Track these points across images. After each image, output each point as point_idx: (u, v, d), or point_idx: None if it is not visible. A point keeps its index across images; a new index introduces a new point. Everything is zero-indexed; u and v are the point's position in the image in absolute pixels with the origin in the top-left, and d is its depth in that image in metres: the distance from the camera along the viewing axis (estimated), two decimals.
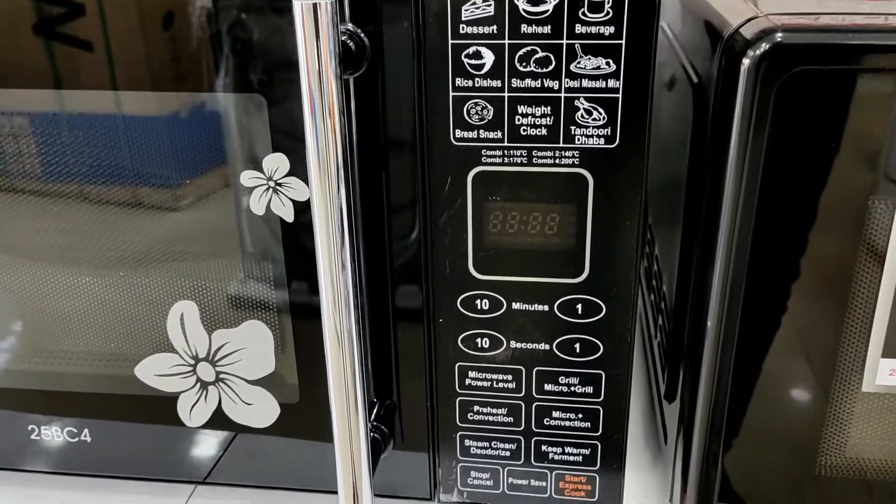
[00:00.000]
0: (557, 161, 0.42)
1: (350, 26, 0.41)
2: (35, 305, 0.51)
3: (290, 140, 0.44)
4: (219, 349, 0.50)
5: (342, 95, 0.40)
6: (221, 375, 0.50)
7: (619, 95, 0.40)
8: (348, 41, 0.41)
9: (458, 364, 0.47)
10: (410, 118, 0.43)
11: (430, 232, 0.45)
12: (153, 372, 0.51)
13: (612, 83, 0.40)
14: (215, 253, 0.48)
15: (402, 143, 0.44)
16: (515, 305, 0.46)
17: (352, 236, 0.42)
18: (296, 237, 0.47)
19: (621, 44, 0.39)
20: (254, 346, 0.50)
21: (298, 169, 0.45)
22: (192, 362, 0.50)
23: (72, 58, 0.44)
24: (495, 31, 0.40)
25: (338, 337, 0.43)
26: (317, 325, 0.45)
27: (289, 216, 0.46)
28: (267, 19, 0.42)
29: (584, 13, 0.39)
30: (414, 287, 0.46)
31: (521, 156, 0.42)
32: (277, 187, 0.45)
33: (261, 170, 0.45)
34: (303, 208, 0.46)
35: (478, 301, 0.46)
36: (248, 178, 0.45)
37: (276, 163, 0.45)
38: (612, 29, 0.39)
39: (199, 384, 0.51)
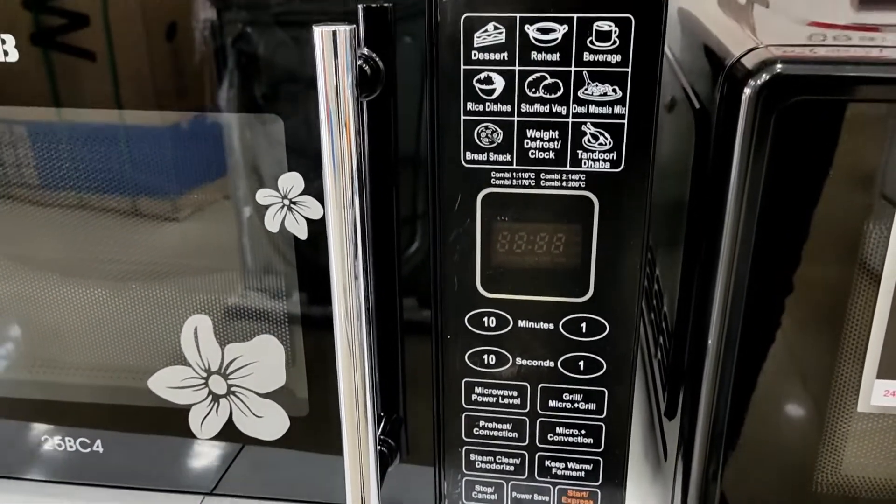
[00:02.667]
0: (564, 184, 0.44)
1: (365, 50, 0.43)
2: (50, 317, 0.53)
3: (304, 159, 0.46)
4: (231, 362, 0.51)
5: (358, 117, 0.41)
6: (233, 388, 0.52)
7: (625, 121, 0.42)
8: (364, 65, 0.42)
9: (464, 380, 0.49)
10: (422, 139, 0.44)
11: (439, 250, 0.46)
12: (166, 384, 0.52)
13: (618, 109, 0.42)
14: (229, 268, 0.49)
15: (414, 163, 0.45)
16: (522, 323, 0.47)
17: (364, 250, 0.43)
18: (309, 254, 0.48)
19: (627, 72, 0.41)
20: (265, 359, 0.51)
21: (312, 188, 0.46)
22: (205, 375, 0.52)
23: (76, 74, 0.46)
24: (506, 58, 0.42)
25: (349, 346, 0.44)
26: (327, 339, 0.47)
27: (302, 234, 0.47)
28: (284, 43, 0.44)
29: (591, 42, 0.41)
30: (422, 303, 0.48)
31: (530, 178, 0.44)
32: (292, 205, 0.47)
33: (276, 188, 0.47)
34: (316, 226, 0.47)
35: (485, 318, 0.47)
36: (263, 196, 0.47)
37: (291, 182, 0.46)
38: (618, 57, 0.41)
39: (210, 397, 0.52)
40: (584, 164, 0.43)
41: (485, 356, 0.48)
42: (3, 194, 0.50)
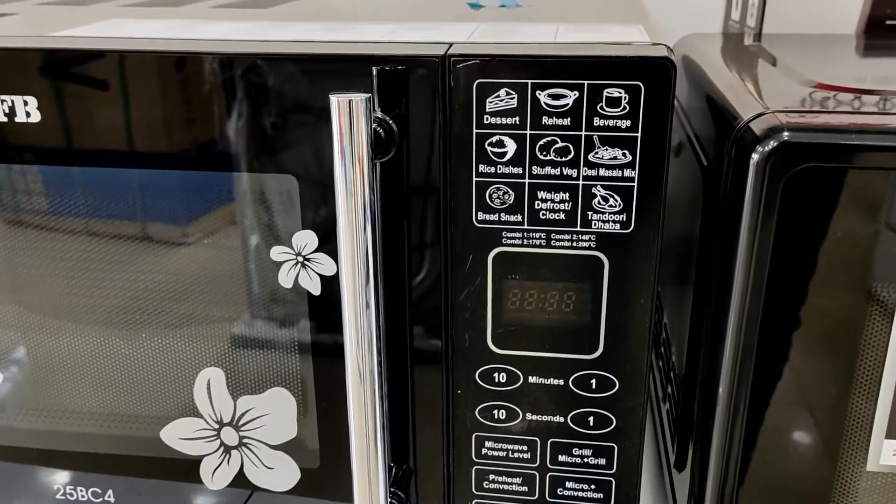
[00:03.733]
0: (575, 244, 0.44)
1: (379, 113, 0.44)
2: (65, 366, 0.53)
3: (319, 218, 0.46)
4: (243, 415, 0.52)
5: (372, 178, 0.42)
6: (245, 440, 0.52)
7: (635, 184, 0.43)
8: (378, 128, 0.43)
9: (475, 434, 0.49)
10: (434, 199, 0.45)
11: (451, 307, 0.47)
12: (178, 435, 0.53)
13: (627, 172, 0.42)
14: (242, 322, 0.50)
15: (426, 223, 0.46)
16: (532, 379, 0.47)
17: (377, 307, 0.44)
18: (321, 309, 0.48)
19: (637, 136, 0.42)
20: (277, 412, 0.51)
21: (326, 245, 0.47)
22: (217, 427, 0.52)
23: (92, 134, 0.47)
24: (517, 122, 0.43)
25: (360, 376, 0.45)
26: (339, 392, 0.47)
27: (315, 290, 0.48)
28: (299, 105, 0.44)
29: (601, 107, 0.42)
30: (434, 359, 0.48)
31: (540, 238, 0.44)
32: (306, 262, 0.47)
33: (290, 245, 0.47)
34: (329, 283, 0.48)
35: (496, 374, 0.48)
36: (277, 252, 0.48)
37: (305, 239, 0.47)
38: (628, 122, 0.42)
39: (222, 448, 0.52)
40: (594, 224, 0.44)
41: (495, 411, 0.48)
42: (8, 243, 0.51)
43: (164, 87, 0.45)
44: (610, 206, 0.43)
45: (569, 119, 0.42)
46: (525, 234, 0.44)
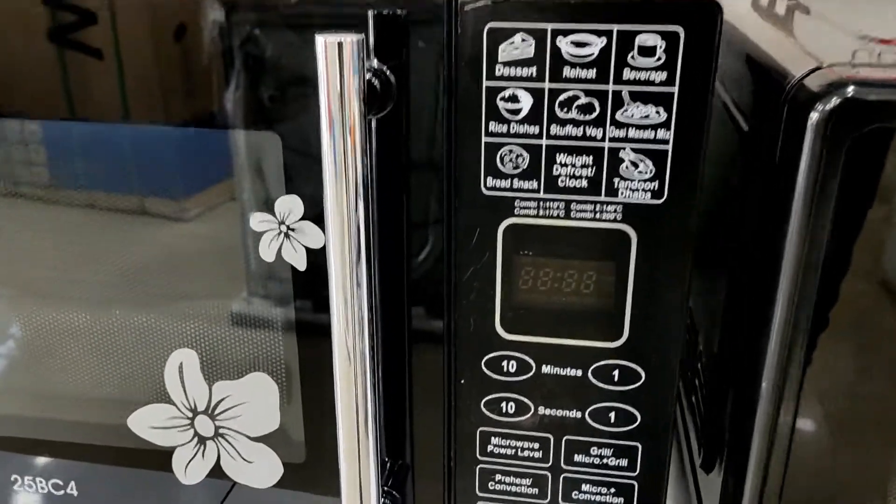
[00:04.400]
0: (598, 215, 0.39)
1: (375, 63, 0.38)
2: (21, 343, 0.48)
3: (305, 182, 0.41)
4: (219, 402, 0.46)
5: (366, 137, 0.36)
6: (221, 430, 0.47)
7: (669, 147, 0.37)
8: (373, 79, 0.37)
9: (479, 429, 0.44)
10: (437, 163, 0.39)
11: (454, 286, 0.41)
12: (147, 423, 0.47)
13: (661, 133, 0.37)
14: (216, 301, 0.44)
15: (427, 190, 0.40)
16: (546, 369, 0.42)
17: (369, 280, 0.38)
18: (308, 286, 0.43)
19: (674, 92, 0.36)
20: (257, 399, 0.46)
21: (313, 213, 0.41)
22: (190, 415, 0.47)
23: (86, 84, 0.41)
24: (534, 74, 0.37)
25: (349, 360, 0.40)
26: (327, 379, 0.42)
27: (301, 264, 0.42)
28: (287, 49, 0.39)
29: (633, 57, 0.36)
30: (434, 345, 0.43)
31: (558, 208, 0.39)
32: (290, 232, 0.42)
33: (272, 212, 0.41)
34: (316, 256, 0.42)
35: (504, 362, 0.42)
36: (258, 221, 0.42)
37: (289, 206, 0.41)
38: (663, 75, 0.36)
39: (196, 439, 0.47)
40: (621, 193, 0.38)
41: (503, 404, 0.43)
42: None
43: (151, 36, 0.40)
44: (640, 172, 0.37)
45: (594, 71, 0.36)
46: (541, 203, 0.39)
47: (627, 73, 0.36)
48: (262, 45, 0.39)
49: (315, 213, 0.41)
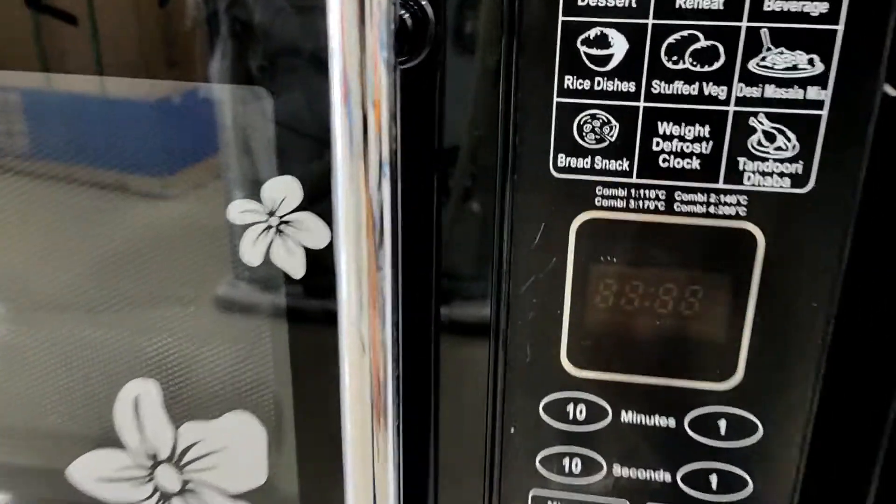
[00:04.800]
0: (712, 209, 0.28)
1: None
2: None
3: (304, 159, 0.30)
4: (188, 449, 0.35)
5: (393, 95, 0.25)
6: (190, 485, 0.36)
7: (824, 113, 0.26)
8: (403, 13, 0.26)
9: (532, 491, 0.33)
10: (488, 133, 0.28)
11: (505, 302, 0.30)
12: (93, 474, 0.36)
13: (813, 93, 0.26)
14: (186, 315, 0.33)
15: (472, 171, 0.29)
16: (626, 416, 0.31)
17: (394, 303, 0.28)
18: (306, 297, 0.32)
19: (836, 31, 0.25)
20: (238, 445, 0.35)
21: (315, 201, 0.30)
22: (150, 464, 0.36)
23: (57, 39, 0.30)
24: (634, 4, 0.26)
25: (362, 400, 0.29)
26: (329, 420, 0.31)
27: (297, 269, 0.31)
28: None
29: None
30: (475, 380, 0.32)
31: (657, 198, 0.28)
32: (283, 226, 0.31)
33: (258, 199, 0.31)
34: (318, 259, 0.31)
35: (570, 406, 0.31)
36: (238, 211, 0.31)
37: (283, 191, 0.30)
38: (824, 6, 0.25)
39: (157, 495, 0.36)
40: (748, 179, 0.27)
41: (566, 461, 0.32)
42: None
43: None
44: (778, 148, 0.27)
45: (721, 0, 0.25)
46: (633, 191, 0.28)
47: (771, 3, 0.25)
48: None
49: (317, 201, 0.30)
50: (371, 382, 0.29)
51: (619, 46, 0.26)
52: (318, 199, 0.30)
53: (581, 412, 0.31)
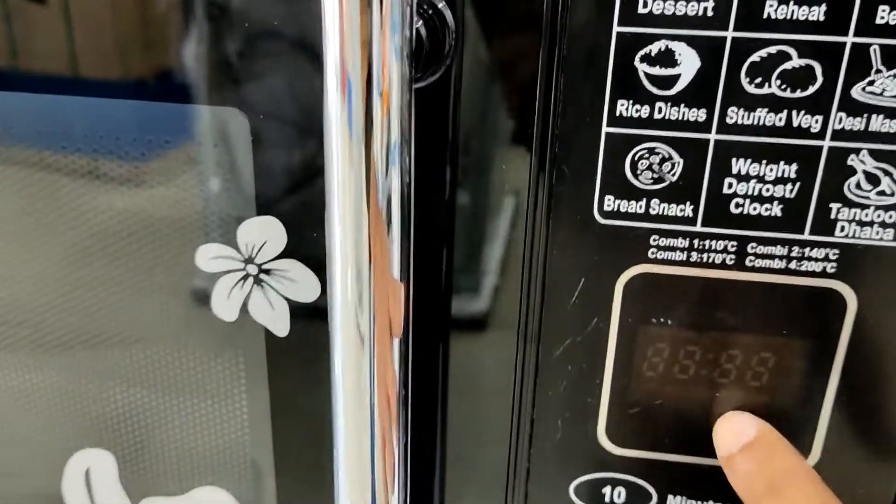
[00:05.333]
0: (794, 265, 0.23)
1: None
2: None
3: (285, 196, 0.24)
4: None
5: (409, 117, 0.20)
6: None
7: None
8: (419, 21, 0.21)
9: None
10: (518, 165, 0.23)
11: (534, 366, 0.25)
12: None
13: None
14: (147, 375, 0.28)
15: (497, 211, 0.24)
16: (673, 502, 0.26)
17: (403, 377, 0.22)
18: (291, 359, 0.27)
19: None
20: None
21: (300, 245, 0.25)
22: None
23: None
24: (710, 13, 0.20)
25: (359, 478, 0.23)
26: (320, 491, 0.26)
27: (280, 326, 0.26)
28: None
29: None
30: (495, 457, 0.27)
31: (726, 251, 0.23)
32: (263, 275, 0.25)
33: (233, 244, 0.25)
34: (306, 315, 0.26)
35: (608, 489, 0.26)
36: (208, 256, 0.25)
37: (263, 233, 0.25)
38: None
39: None
40: (842, 229, 0.22)
41: None
42: None
43: None
44: (881, 193, 0.21)
45: (823, 6, 0.20)
46: (697, 241, 0.23)
47: (885, 14, 0.20)
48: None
49: (304, 245, 0.25)
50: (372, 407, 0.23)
51: (688, 65, 0.21)
52: (306, 245, 0.25)
53: (620, 495, 0.26)
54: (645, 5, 0.21)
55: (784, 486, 0.22)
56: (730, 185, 0.22)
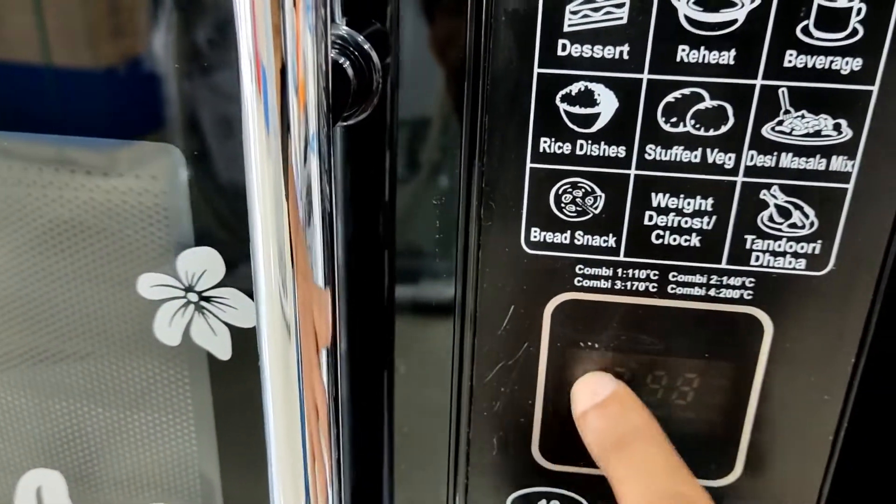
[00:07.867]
0: (713, 292, 0.23)
1: (344, 30, 0.22)
2: None
3: (224, 227, 0.25)
4: None
5: (328, 160, 0.20)
6: None
7: (850, 185, 0.22)
8: (342, 59, 0.21)
9: None
10: (447, 203, 0.24)
11: (468, 390, 0.26)
12: None
13: (838, 163, 0.21)
14: (93, 397, 0.28)
15: (428, 246, 0.25)
16: None
17: (332, 404, 0.23)
18: (234, 380, 0.27)
19: (870, 91, 0.21)
20: None
21: (238, 274, 0.25)
22: None
23: None
24: (626, 56, 0.21)
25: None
26: None
27: (223, 350, 0.26)
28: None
29: (806, 29, 0.20)
30: (433, 477, 0.27)
31: (648, 279, 0.24)
32: (203, 303, 0.26)
33: (173, 273, 0.25)
34: (246, 338, 0.26)
35: (543, 502, 0.27)
36: (149, 285, 0.26)
37: (202, 263, 0.25)
38: (857, 62, 0.20)
39: None
40: (756, 259, 0.23)
41: None
42: None
43: None
44: (792, 225, 0.22)
45: (733, 52, 0.21)
46: (620, 270, 0.23)
47: (793, 58, 0.21)
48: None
49: (240, 275, 0.25)
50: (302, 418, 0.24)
51: (607, 104, 0.22)
52: (243, 274, 0.25)
53: None
54: (564, 48, 0.21)
55: (632, 441, 0.23)
56: (650, 218, 0.23)
